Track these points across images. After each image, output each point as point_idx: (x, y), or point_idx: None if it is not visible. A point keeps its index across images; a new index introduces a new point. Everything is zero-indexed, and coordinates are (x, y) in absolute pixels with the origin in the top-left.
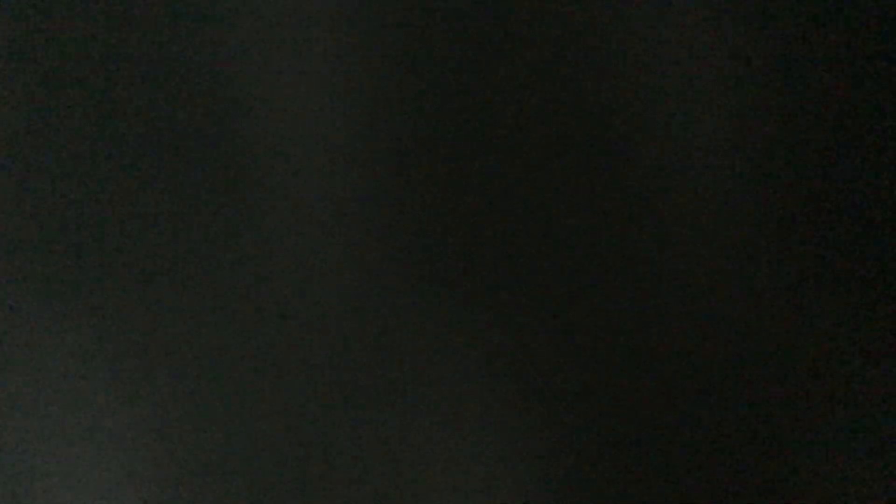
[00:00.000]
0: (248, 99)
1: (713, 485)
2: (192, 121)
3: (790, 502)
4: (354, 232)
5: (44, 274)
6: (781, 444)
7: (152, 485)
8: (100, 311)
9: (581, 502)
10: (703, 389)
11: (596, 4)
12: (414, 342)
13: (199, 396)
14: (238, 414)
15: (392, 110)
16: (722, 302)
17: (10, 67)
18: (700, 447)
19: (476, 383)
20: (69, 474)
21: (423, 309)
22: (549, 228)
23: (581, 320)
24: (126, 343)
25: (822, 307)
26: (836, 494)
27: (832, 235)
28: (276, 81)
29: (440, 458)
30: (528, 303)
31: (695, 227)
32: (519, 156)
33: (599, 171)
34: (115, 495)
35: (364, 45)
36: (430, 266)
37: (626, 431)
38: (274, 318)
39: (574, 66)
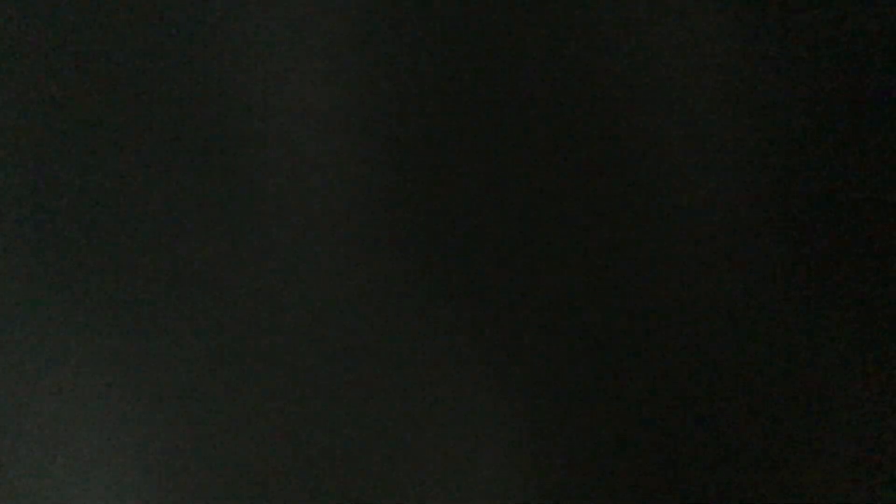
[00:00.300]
0: (246, 98)
1: (713, 485)
2: (189, 119)
3: (789, 502)
4: (354, 231)
5: (41, 273)
6: (781, 444)
7: (151, 486)
8: (99, 311)
9: (581, 502)
10: (703, 390)
11: (595, 4)
12: (412, 342)
13: (198, 396)
14: (237, 414)
15: (391, 109)
16: (721, 301)
17: (9, 66)
18: (700, 447)
19: (475, 383)
20: (68, 475)
21: (422, 308)
22: (548, 228)
23: (581, 320)
24: (125, 343)
25: (823, 307)
26: (834, 495)
27: (832, 235)
28: (275, 80)
29: (439, 458)
30: (528, 303)
31: (694, 227)
32: (518, 155)
33: (598, 170)
34: (114, 496)
35: (364, 44)
36: (428, 265)
37: (626, 431)
38: (274, 318)
39: (573, 64)
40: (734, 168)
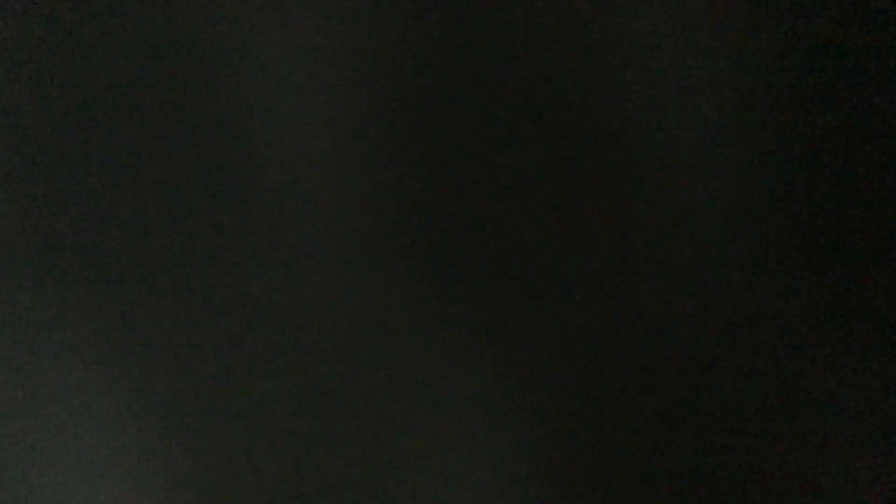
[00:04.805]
0: (244, 98)
1: (712, 485)
2: (188, 119)
3: (788, 502)
4: (353, 231)
5: (41, 273)
6: (780, 445)
7: (150, 486)
8: (99, 311)
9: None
10: (702, 390)
11: (594, 4)
12: (410, 342)
13: (197, 396)
14: (237, 415)
15: (390, 109)
16: (719, 301)
17: (8, 66)
18: (699, 448)
19: (473, 383)
20: (68, 476)
21: (420, 308)
22: (546, 227)
23: (579, 319)
24: (124, 344)
25: (821, 307)
26: (833, 495)
27: (831, 235)
28: (274, 79)
29: (437, 458)
30: (526, 303)
31: (692, 227)
32: (517, 155)
33: (596, 170)
34: (114, 496)
35: (362, 44)
36: (427, 265)
37: (625, 432)
38: (274, 318)
39: (572, 65)
40: (733, 167)
